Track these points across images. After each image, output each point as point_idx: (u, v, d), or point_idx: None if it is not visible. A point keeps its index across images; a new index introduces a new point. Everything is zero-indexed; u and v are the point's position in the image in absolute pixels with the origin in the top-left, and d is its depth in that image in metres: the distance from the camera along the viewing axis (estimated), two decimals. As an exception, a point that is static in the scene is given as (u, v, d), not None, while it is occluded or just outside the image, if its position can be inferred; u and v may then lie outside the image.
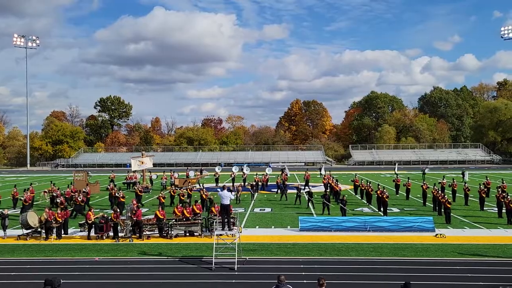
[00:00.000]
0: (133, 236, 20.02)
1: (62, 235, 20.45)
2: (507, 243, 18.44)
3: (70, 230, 21.72)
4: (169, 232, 20.08)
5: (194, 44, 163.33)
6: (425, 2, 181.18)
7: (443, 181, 34.24)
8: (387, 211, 25.39)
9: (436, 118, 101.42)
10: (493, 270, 14.67)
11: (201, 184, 39.82)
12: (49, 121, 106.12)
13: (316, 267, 15.17)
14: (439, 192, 26.68)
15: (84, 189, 29.33)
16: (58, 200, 25.42)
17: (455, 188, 31.07)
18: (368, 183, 31.09)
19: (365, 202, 30.06)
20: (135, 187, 33.39)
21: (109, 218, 20.25)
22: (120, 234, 19.99)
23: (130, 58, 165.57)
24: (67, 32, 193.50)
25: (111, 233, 20.06)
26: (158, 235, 20.40)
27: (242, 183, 38.78)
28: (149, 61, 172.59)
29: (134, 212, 20.14)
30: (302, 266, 15.34)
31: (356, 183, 35.61)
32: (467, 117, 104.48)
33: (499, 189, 27.57)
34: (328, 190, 30.40)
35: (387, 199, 25.39)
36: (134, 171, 42.07)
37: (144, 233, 20.05)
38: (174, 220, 20.49)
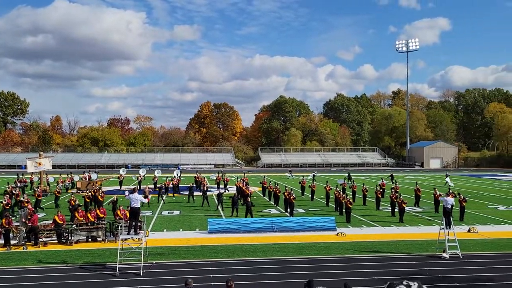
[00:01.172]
0: (27, 243, 18.51)
1: None
2: (399, 240, 20.08)
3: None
4: (69, 238, 18.87)
5: (100, 40, 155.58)
6: (329, 13, 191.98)
7: (344, 182, 36.47)
8: (293, 211, 26.32)
9: (339, 123, 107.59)
10: (387, 265, 15.88)
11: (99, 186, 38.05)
12: None
13: (224, 269, 15.24)
14: (341, 193, 28.32)
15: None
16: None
17: (355, 189, 33.25)
18: (276, 185, 31.99)
19: (273, 203, 30.87)
20: (35, 190, 31.07)
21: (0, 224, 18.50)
22: (12, 242, 18.35)
23: (27, 51, 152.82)
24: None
25: (1, 241, 18.35)
26: (56, 241, 19.07)
27: (153, 186, 37.78)
28: (49, 55, 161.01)
29: (29, 217, 18.62)
30: (210, 268, 15.31)
31: (264, 185, 36.51)
32: (366, 123, 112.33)
33: (392, 190, 30.00)
34: (238, 194, 30.75)
35: (293, 201, 26.31)
36: (31, 173, 38.98)
37: (40, 239, 18.61)
38: (75, 225, 19.32)
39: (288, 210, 26.49)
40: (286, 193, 27.04)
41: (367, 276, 14.53)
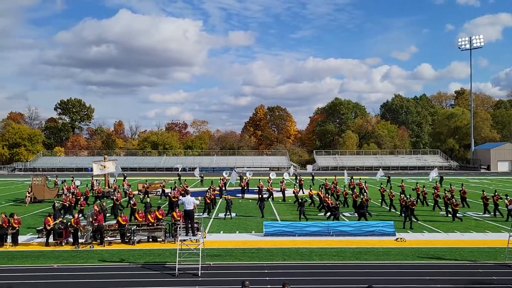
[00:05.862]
0: (93, 242, 19.49)
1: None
2: (463, 247, 19.08)
3: (26, 237, 20.93)
4: (132, 238, 19.67)
5: (159, 48, 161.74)
6: (384, 15, 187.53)
7: (402, 184, 35.55)
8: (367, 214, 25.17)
9: (397, 125, 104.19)
10: (451, 273, 15.14)
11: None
12: (5, 123, 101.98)
13: (280, 272, 15.21)
14: (407, 196, 27.88)
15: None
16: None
17: (418, 192, 32.41)
18: (344, 187, 31.88)
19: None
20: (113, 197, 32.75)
21: (69, 223, 19.64)
22: (80, 240, 19.41)
23: (92, 60, 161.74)
24: (27, 33, 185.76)
25: (70, 239, 19.45)
26: (120, 241, 19.93)
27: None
28: (112, 64, 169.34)
29: (95, 217, 19.61)
30: (266, 271, 15.34)
31: (327, 187, 36.41)
32: (426, 124, 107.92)
33: (446, 193, 29.06)
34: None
35: (367, 202, 25.40)
36: (97, 176, 41.07)
37: (105, 239, 19.54)
38: (136, 226, 20.10)
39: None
40: (354, 196, 27.26)
41: (431, 284, 13.92)
